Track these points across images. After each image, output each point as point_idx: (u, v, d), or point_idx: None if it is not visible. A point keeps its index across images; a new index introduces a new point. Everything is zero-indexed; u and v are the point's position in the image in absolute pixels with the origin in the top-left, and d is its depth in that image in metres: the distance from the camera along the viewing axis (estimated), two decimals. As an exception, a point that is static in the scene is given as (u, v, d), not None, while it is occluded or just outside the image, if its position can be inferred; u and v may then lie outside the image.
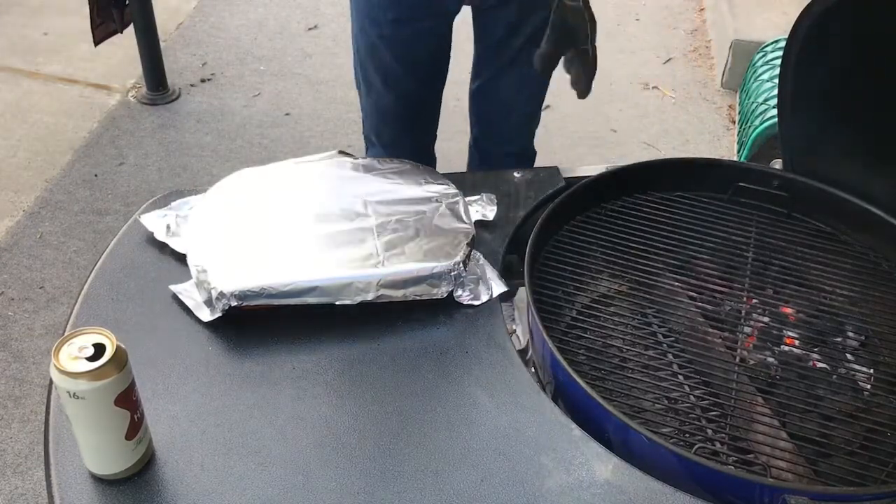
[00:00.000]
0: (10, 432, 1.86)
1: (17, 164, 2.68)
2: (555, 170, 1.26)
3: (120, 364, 0.76)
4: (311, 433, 0.86)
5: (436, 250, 1.03)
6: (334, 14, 3.46)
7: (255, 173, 1.17)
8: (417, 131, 1.71)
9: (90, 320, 0.98)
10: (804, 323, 1.08)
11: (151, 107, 2.97)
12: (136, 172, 2.66)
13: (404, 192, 1.14)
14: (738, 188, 1.23)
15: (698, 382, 0.98)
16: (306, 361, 0.94)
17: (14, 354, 2.03)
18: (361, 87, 1.65)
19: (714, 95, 3.19)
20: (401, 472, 0.83)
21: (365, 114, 1.69)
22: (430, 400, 0.90)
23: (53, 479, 0.82)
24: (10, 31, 3.40)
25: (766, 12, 3.30)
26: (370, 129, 1.69)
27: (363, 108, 1.69)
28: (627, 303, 1.12)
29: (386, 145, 1.67)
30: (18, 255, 2.33)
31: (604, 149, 2.87)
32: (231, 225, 1.07)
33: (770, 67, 2.58)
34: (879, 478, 0.88)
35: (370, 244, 1.03)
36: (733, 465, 0.89)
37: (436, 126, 1.74)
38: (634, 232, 1.16)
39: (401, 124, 1.66)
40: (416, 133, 1.71)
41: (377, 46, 1.53)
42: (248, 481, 0.81)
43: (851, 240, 1.18)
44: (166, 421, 0.87)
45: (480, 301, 1.02)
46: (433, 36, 1.53)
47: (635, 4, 3.80)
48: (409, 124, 1.67)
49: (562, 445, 0.85)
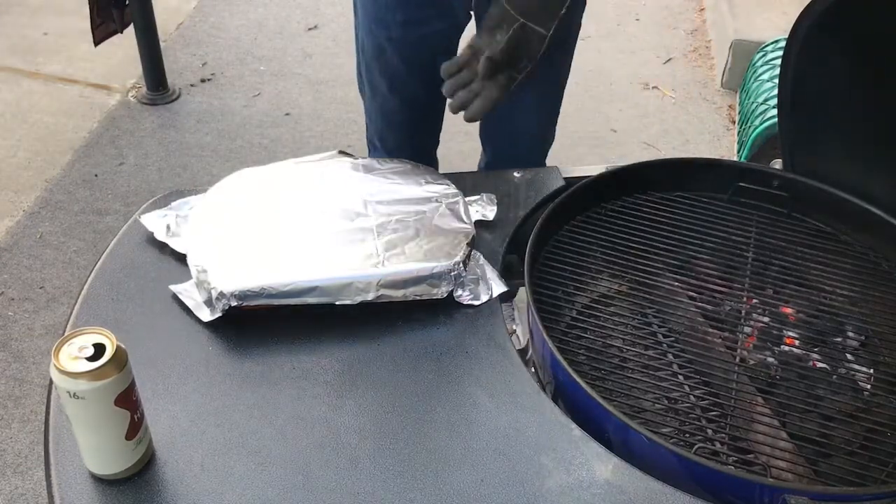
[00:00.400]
0: (10, 432, 1.86)
1: (17, 164, 2.68)
2: (555, 170, 1.26)
3: (120, 364, 0.76)
4: (311, 433, 0.86)
5: (436, 250, 1.03)
6: (334, 14, 3.46)
7: (254, 173, 1.17)
8: (421, 136, 1.69)
9: (90, 320, 0.98)
10: (804, 323, 1.08)
11: (151, 107, 2.97)
12: (136, 172, 2.66)
13: (404, 192, 1.14)
14: (738, 188, 1.23)
15: (698, 382, 0.99)
16: (306, 361, 0.94)
17: (14, 354, 2.03)
18: (366, 91, 1.63)
19: (714, 95, 3.19)
20: (401, 472, 0.83)
21: (369, 118, 1.67)
22: (430, 400, 0.90)
23: (53, 479, 0.82)
24: (10, 31, 3.40)
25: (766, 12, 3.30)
26: (374, 134, 1.68)
27: (367, 112, 1.67)
28: (627, 303, 1.12)
29: (390, 150, 1.65)
30: (18, 255, 2.33)
31: (604, 149, 2.87)
32: (231, 225, 1.07)
33: (770, 67, 2.58)
34: (879, 478, 0.88)
35: (370, 244, 1.03)
36: (733, 465, 0.89)
37: (439, 130, 1.72)
38: (634, 232, 1.16)
39: (405, 129, 1.64)
40: (420, 137, 1.69)
41: (384, 49, 1.50)
42: (248, 481, 0.81)
43: (851, 240, 1.18)
44: (166, 421, 0.87)
45: (480, 301, 1.02)
46: (442, 38, 1.50)
47: (635, 4, 3.80)
48: (413, 129, 1.65)
49: (562, 445, 0.85)
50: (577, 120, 2.97)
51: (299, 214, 1.09)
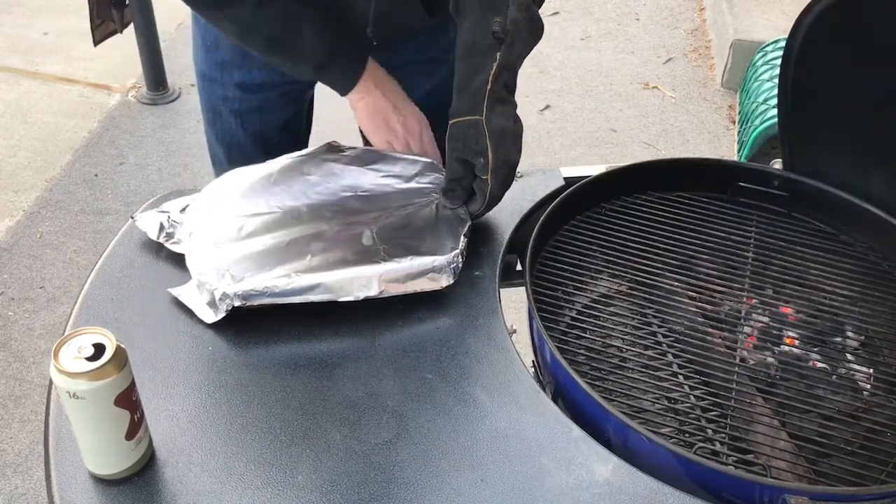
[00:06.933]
0: (10, 432, 1.86)
1: (17, 164, 2.68)
2: (555, 170, 1.26)
3: (120, 364, 0.76)
4: (311, 433, 0.86)
5: (435, 243, 1.03)
6: (334, 14, 3.45)
7: (247, 172, 1.16)
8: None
9: (90, 320, 0.98)
10: (804, 323, 1.08)
11: (151, 107, 2.97)
12: (136, 172, 2.66)
13: (401, 185, 1.14)
14: (737, 188, 1.23)
15: (698, 382, 0.99)
16: (306, 361, 0.94)
17: (14, 354, 2.04)
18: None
19: (714, 95, 3.19)
20: (401, 472, 0.83)
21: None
22: (430, 400, 0.90)
23: (53, 478, 0.82)
24: (10, 31, 3.40)
25: (766, 12, 3.30)
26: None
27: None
28: (627, 303, 1.12)
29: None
30: (18, 255, 2.33)
31: (604, 149, 2.87)
32: (229, 225, 1.06)
33: (770, 67, 2.58)
34: (879, 478, 0.88)
35: (369, 239, 1.03)
36: (733, 465, 0.89)
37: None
38: (634, 232, 1.16)
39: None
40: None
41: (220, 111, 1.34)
42: (248, 481, 0.81)
43: (851, 240, 1.18)
44: (166, 421, 0.87)
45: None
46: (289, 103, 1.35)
47: (635, 4, 3.81)
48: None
49: (562, 445, 0.85)
50: (577, 120, 2.97)
51: (296, 212, 1.08)
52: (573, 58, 3.35)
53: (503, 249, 1.10)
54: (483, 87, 1.01)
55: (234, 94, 1.31)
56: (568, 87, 3.19)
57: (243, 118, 1.34)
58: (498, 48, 1.00)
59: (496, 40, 0.99)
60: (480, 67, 1.01)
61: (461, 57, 1.04)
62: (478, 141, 1.03)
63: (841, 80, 1.17)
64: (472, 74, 1.02)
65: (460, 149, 1.05)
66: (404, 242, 1.03)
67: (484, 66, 1.01)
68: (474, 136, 1.03)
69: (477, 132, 1.03)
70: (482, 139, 1.02)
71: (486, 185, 1.05)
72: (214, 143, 1.42)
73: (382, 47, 1.20)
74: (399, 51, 1.27)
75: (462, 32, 1.03)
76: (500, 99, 1.03)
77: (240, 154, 1.37)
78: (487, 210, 1.09)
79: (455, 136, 1.05)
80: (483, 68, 1.01)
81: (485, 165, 1.03)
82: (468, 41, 1.02)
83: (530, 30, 1.02)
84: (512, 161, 1.06)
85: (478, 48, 1.01)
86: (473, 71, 1.02)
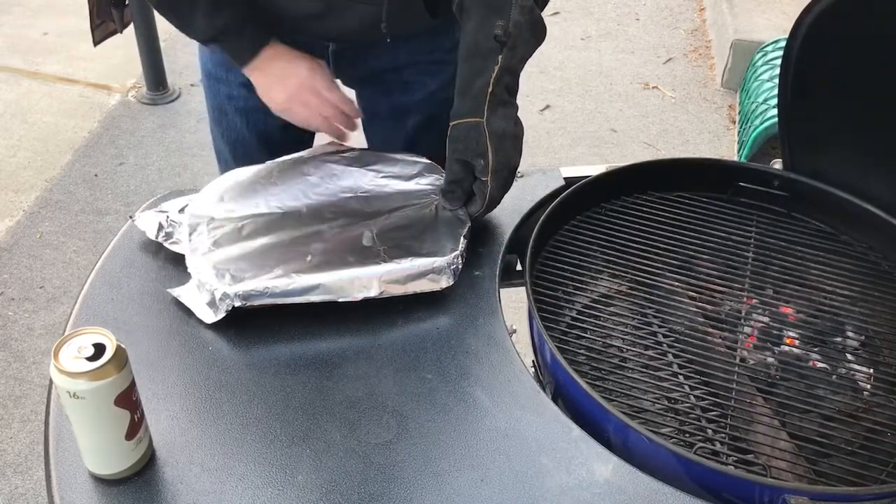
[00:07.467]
0: (10, 432, 1.86)
1: (17, 164, 2.68)
2: (555, 170, 1.26)
3: (120, 364, 0.76)
4: (311, 433, 0.86)
5: (435, 244, 1.03)
6: (334, 14, 3.45)
7: (247, 172, 1.16)
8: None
9: (90, 320, 0.98)
10: (804, 323, 1.08)
11: (151, 107, 2.97)
12: (136, 172, 2.66)
13: (401, 185, 1.14)
14: (738, 188, 1.23)
15: (698, 382, 0.98)
16: (306, 361, 0.94)
17: (14, 354, 2.04)
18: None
19: (714, 95, 3.19)
20: (401, 472, 0.83)
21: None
22: (430, 400, 0.90)
23: (53, 478, 0.82)
24: (10, 31, 3.40)
25: (766, 12, 3.31)
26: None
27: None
28: (627, 303, 1.12)
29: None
30: (18, 255, 2.33)
31: (604, 149, 2.88)
32: (229, 225, 1.06)
33: (770, 67, 2.58)
34: (879, 478, 0.88)
35: (370, 240, 1.03)
36: (733, 465, 0.89)
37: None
38: (634, 232, 1.16)
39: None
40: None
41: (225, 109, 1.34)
42: (248, 481, 0.81)
43: (851, 240, 1.18)
44: (166, 421, 0.87)
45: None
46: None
47: (635, 4, 3.81)
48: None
49: (562, 445, 0.85)
50: (577, 120, 2.97)
51: (296, 212, 1.09)
52: (573, 58, 3.35)
53: (503, 249, 1.10)
54: (484, 90, 1.02)
55: (240, 93, 1.32)
56: (568, 87, 3.20)
57: (248, 117, 1.35)
58: (500, 51, 1.00)
59: (498, 43, 0.99)
60: (482, 70, 1.02)
61: (463, 59, 1.04)
62: (478, 143, 1.03)
63: (841, 80, 1.17)
64: (473, 77, 1.03)
65: (461, 150, 1.05)
66: (404, 243, 1.03)
67: (486, 68, 1.01)
68: (475, 137, 1.03)
69: (478, 134, 1.03)
70: (483, 141, 1.03)
71: (486, 187, 1.05)
72: (220, 140, 1.43)
73: (390, 45, 1.21)
74: (404, 50, 1.28)
75: (465, 34, 1.04)
76: (502, 101, 1.03)
77: (245, 152, 1.38)
78: (487, 212, 1.09)
79: (456, 137, 1.05)
80: (485, 71, 1.01)
81: (485, 167, 1.04)
82: (470, 43, 1.03)
83: (533, 33, 1.02)
84: (512, 164, 1.06)
85: (480, 51, 1.01)
86: (475, 73, 1.02)
